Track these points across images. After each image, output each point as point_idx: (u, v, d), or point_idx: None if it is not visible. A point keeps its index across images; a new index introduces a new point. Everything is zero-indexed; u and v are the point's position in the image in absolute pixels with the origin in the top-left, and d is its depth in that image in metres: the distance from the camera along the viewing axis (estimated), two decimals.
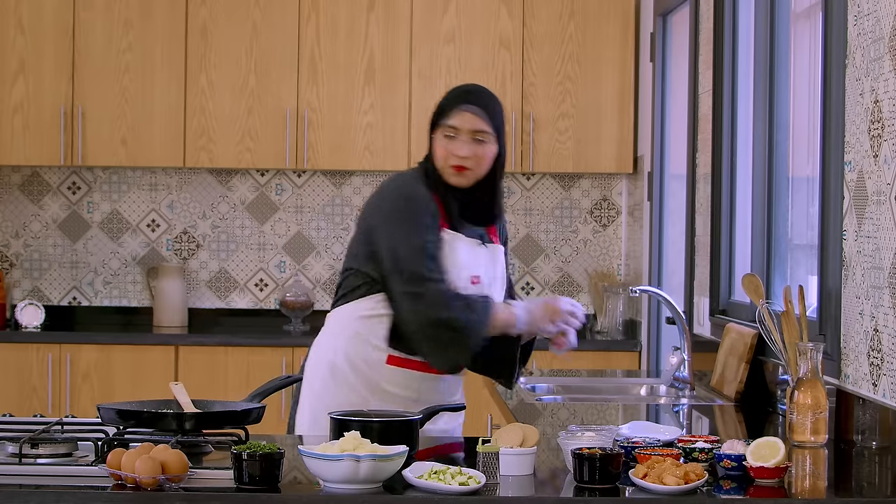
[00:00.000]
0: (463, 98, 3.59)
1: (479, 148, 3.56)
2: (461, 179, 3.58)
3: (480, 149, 3.57)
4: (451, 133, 3.57)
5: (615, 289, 6.76)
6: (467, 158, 3.55)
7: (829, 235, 3.67)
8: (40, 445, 2.88)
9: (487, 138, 3.57)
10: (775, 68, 4.63)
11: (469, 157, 3.55)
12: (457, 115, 3.57)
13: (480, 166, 3.58)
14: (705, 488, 2.73)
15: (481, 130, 3.56)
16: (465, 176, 3.57)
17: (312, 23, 6.67)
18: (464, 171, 3.56)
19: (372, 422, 2.97)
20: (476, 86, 3.69)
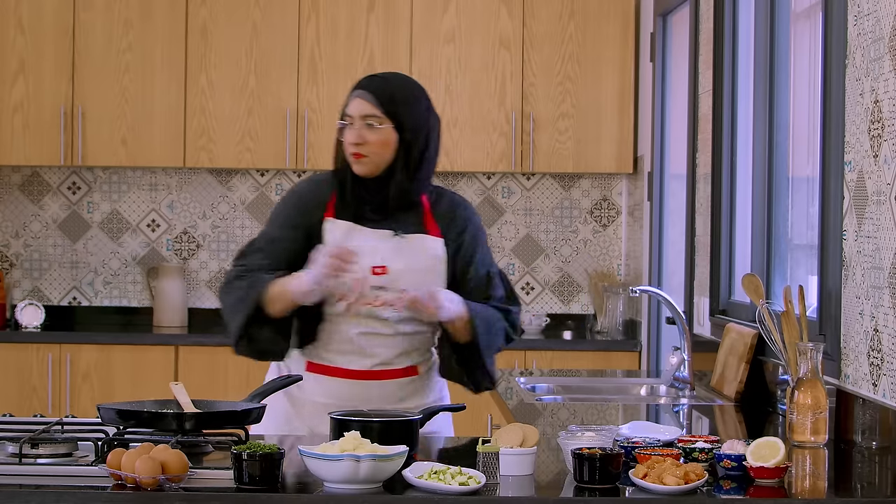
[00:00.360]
0: (357, 85, 3.52)
1: (370, 133, 3.46)
2: (359, 167, 3.47)
3: (372, 134, 3.46)
4: (346, 121, 3.50)
5: (615, 289, 6.76)
6: (359, 145, 3.45)
7: (829, 235, 3.67)
8: (40, 445, 2.88)
9: (379, 122, 3.46)
10: (775, 68, 4.63)
11: (359, 143, 3.45)
12: (350, 103, 3.50)
13: (378, 153, 3.47)
14: (705, 488, 2.73)
15: (370, 115, 3.46)
16: (363, 163, 3.47)
17: (312, 23, 6.67)
18: (360, 157, 3.46)
19: (372, 422, 2.97)
20: (384, 72, 3.63)
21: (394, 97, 3.49)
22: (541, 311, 6.97)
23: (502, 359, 6.33)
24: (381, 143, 3.46)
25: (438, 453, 3.21)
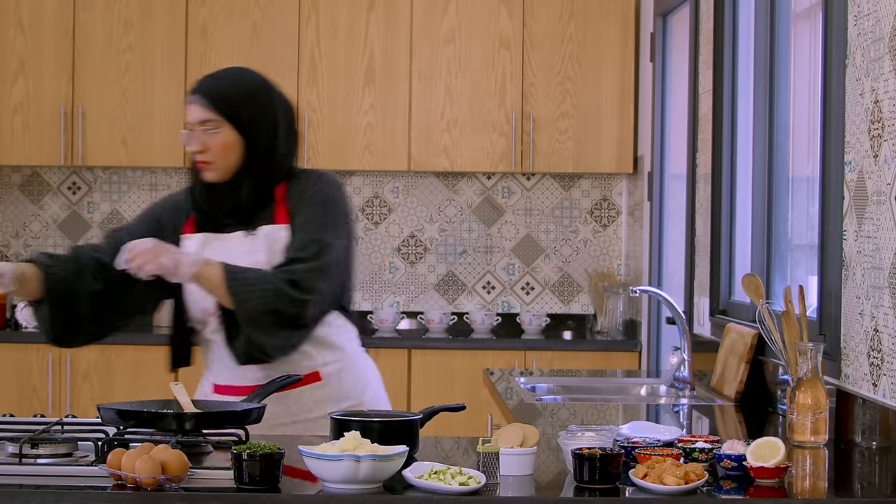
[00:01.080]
0: (191, 90, 3.41)
1: (208, 138, 3.35)
2: (206, 174, 3.37)
3: (211, 139, 3.35)
4: (188, 129, 3.39)
5: (615, 289, 6.76)
6: (201, 152, 3.35)
7: (829, 235, 3.67)
8: (40, 445, 2.88)
9: (215, 126, 3.36)
10: (775, 68, 4.63)
11: (199, 150, 3.35)
12: (187, 111, 3.40)
13: (222, 157, 3.36)
14: (705, 488, 2.73)
15: (206, 120, 3.36)
16: (210, 170, 3.37)
17: (312, 23, 6.67)
18: (205, 165, 3.36)
19: (372, 422, 2.97)
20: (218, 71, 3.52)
21: (227, 96, 3.38)
22: (541, 311, 6.97)
23: (502, 359, 6.37)
24: (223, 146, 3.36)
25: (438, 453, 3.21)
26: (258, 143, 3.38)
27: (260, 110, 3.39)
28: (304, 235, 3.34)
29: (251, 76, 3.49)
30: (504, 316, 6.98)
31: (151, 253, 3.24)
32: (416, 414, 3.07)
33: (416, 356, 6.44)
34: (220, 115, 3.35)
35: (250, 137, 3.37)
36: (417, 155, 6.65)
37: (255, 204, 3.39)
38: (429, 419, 3.14)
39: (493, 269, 7.06)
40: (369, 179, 7.04)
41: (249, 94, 3.41)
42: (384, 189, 7.05)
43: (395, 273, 7.06)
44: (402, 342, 6.55)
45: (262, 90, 3.44)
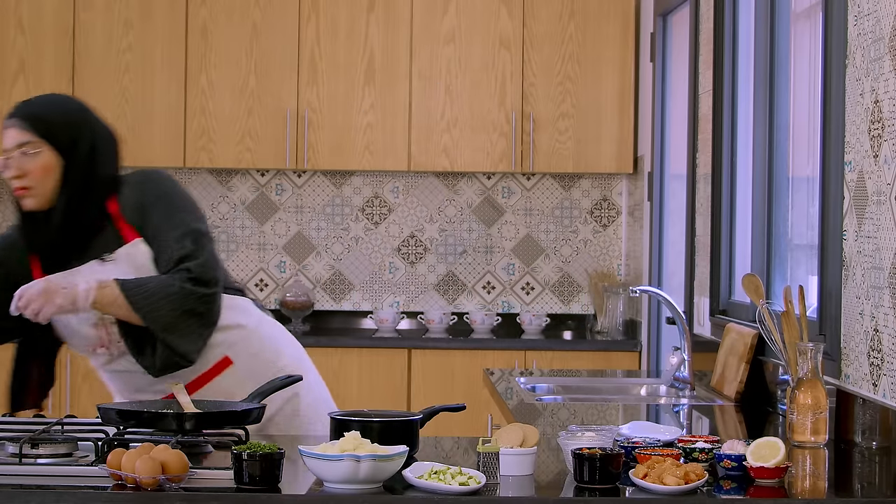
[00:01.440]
0: (6, 116, 3.25)
1: (29, 162, 3.22)
2: (28, 202, 3.24)
3: (31, 162, 3.22)
4: (5, 157, 3.23)
5: (615, 289, 6.76)
6: (20, 177, 3.21)
7: (829, 235, 3.67)
8: (40, 445, 2.88)
9: (34, 147, 3.22)
10: (775, 68, 4.63)
11: (17, 175, 3.21)
12: (4, 138, 3.24)
13: (42, 182, 3.22)
14: (705, 488, 2.73)
15: (24, 142, 3.22)
16: (30, 196, 3.23)
17: (312, 23, 6.67)
18: (25, 192, 3.23)
19: (372, 422, 2.97)
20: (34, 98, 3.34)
21: (42, 116, 3.25)
22: (541, 311, 6.97)
23: (502, 359, 6.37)
24: (43, 169, 3.23)
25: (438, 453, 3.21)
26: (78, 161, 3.26)
27: (74, 127, 3.27)
28: (174, 233, 3.26)
29: (69, 101, 3.37)
30: (504, 316, 6.98)
31: (45, 295, 3.16)
32: (416, 414, 3.07)
33: (416, 356, 6.44)
34: (38, 136, 3.23)
35: (70, 157, 3.25)
36: (417, 155, 6.65)
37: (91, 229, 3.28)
38: (429, 419, 3.14)
39: (493, 269, 7.06)
40: (369, 179, 7.04)
41: (67, 116, 3.29)
42: (384, 189, 7.05)
43: (395, 273, 7.06)
44: (403, 342, 6.55)
45: (80, 113, 3.32)
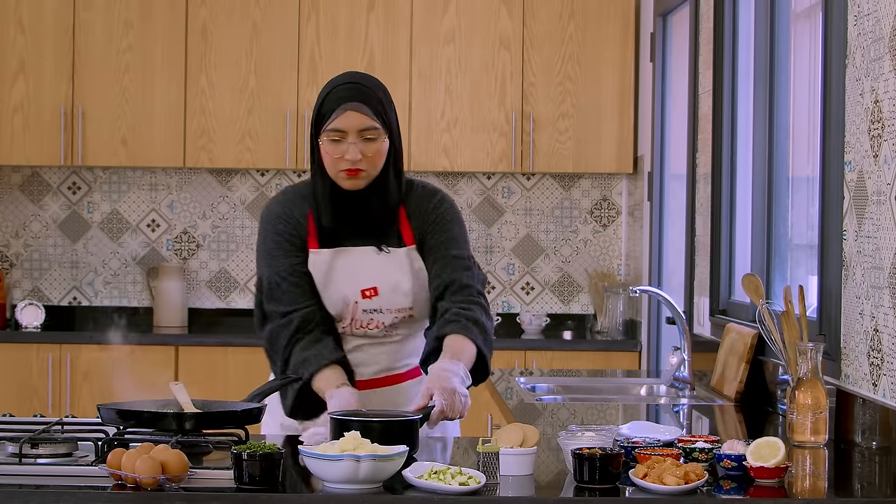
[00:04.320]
0: (343, 97, 3.28)
1: (369, 146, 3.28)
2: (356, 182, 3.30)
3: (371, 147, 3.28)
4: (336, 137, 3.27)
5: (615, 289, 6.76)
6: (359, 161, 3.27)
7: (829, 235, 3.67)
8: (40, 445, 2.88)
9: (377, 134, 3.28)
10: (775, 68, 4.63)
11: (360, 159, 3.27)
12: (340, 117, 3.26)
13: (375, 165, 3.30)
14: (705, 488, 2.73)
15: (369, 128, 3.28)
16: (360, 178, 3.30)
17: (312, 23, 6.67)
18: (358, 173, 3.29)
19: (372, 422, 2.97)
20: (355, 76, 3.36)
21: (382, 102, 3.32)
22: (541, 311, 6.97)
23: (502, 359, 6.36)
24: (379, 153, 3.31)
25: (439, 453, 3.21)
26: (399, 148, 3.36)
27: (394, 115, 3.37)
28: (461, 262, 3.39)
29: (377, 80, 3.40)
30: (504, 316, 6.98)
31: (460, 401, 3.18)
32: (415, 414, 3.07)
33: None
34: (381, 123, 3.29)
35: (395, 143, 3.35)
36: (417, 155, 6.65)
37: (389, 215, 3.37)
38: (427, 419, 3.14)
39: (493, 269, 7.06)
40: None
41: (389, 99, 3.36)
42: None
43: None
44: None
45: (389, 94, 3.39)
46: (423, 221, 3.41)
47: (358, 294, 3.36)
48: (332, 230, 3.37)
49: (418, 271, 3.39)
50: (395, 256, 3.38)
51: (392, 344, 3.44)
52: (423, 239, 3.40)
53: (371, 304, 3.37)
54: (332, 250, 3.37)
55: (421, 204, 3.42)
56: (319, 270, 3.36)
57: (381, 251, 3.38)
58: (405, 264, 3.38)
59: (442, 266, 3.38)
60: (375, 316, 3.38)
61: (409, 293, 3.38)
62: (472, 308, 3.34)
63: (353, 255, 3.38)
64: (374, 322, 3.38)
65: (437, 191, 3.47)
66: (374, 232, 3.38)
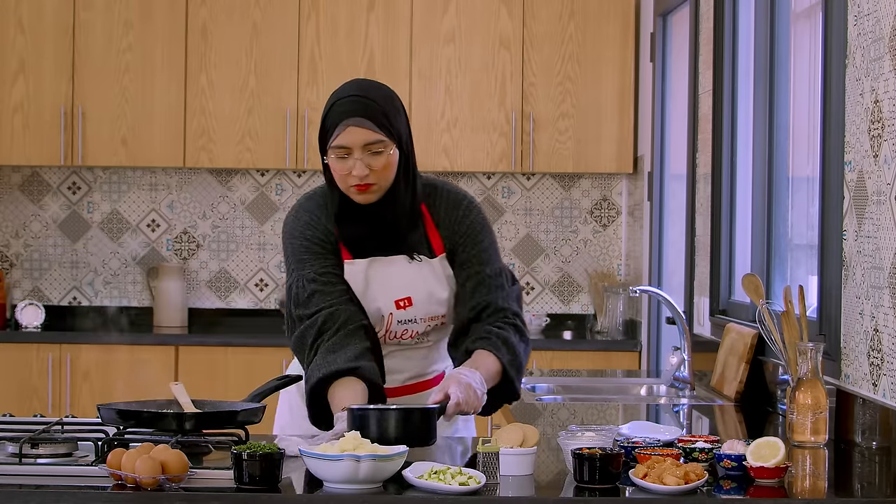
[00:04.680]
0: (345, 111, 3.19)
1: (376, 160, 3.19)
2: (367, 196, 3.23)
3: (378, 160, 3.19)
4: (342, 154, 3.19)
5: (615, 289, 6.76)
6: (367, 175, 3.19)
7: (829, 235, 3.67)
8: (40, 445, 2.88)
9: (383, 147, 3.20)
10: (775, 68, 4.63)
11: (368, 174, 3.19)
12: (343, 133, 3.18)
13: (385, 178, 3.22)
14: (705, 488, 2.73)
15: (373, 142, 3.19)
16: (371, 192, 3.22)
17: (312, 23, 6.67)
18: (368, 188, 3.21)
19: (390, 409, 2.95)
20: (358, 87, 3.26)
21: (386, 113, 3.22)
22: (541, 311, 6.97)
23: None
24: (388, 166, 3.22)
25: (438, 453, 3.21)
26: (409, 156, 3.29)
27: (404, 121, 3.30)
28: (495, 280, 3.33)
29: (389, 90, 3.31)
30: None
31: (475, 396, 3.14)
32: (433, 404, 3.06)
33: None
34: (387, 135, 3.21)
35: (404, 151, 3.27)
36: (417, 155, 6.59)
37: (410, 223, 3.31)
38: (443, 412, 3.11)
39: None
40: None
41: (398, 108, 3.28)
42: None
43: None
44: None
45: (396, 99, 3.30)
46: (452, 232, 3.35)
47: (392, 305, 3.31)
48: (358, 241, 3.32)
49: (449, 279, 3.34)
50: (429, 265, 3.33)
51: (422, 349, 3.40)
52: (454, 249, 3.35)
53: (405, 315, 3.32)
54: (367, 260, 3.31)
55: (450, 212, 3.36)
56: (356, 281, 3.30)
57: (413, 259, 3.32)
58: (439, 272, 3.34)
59: (476, 285, 3.33)
60: (410, 326, 3.34)
61: (444, 301, 3.34)
62: (505, 328, 3.30)
63: (387, 264, 3.32)
64: (408, 332, 3.34)
65: (463, 197, 3.39)
66: (399, 241, 3.32)
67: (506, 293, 3.35)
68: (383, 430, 2.90)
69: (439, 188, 3.39)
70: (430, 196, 3.37)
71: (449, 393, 3.09)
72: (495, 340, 3.27)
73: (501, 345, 3.28)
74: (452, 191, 3.40)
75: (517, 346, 3.30)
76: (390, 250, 3.32)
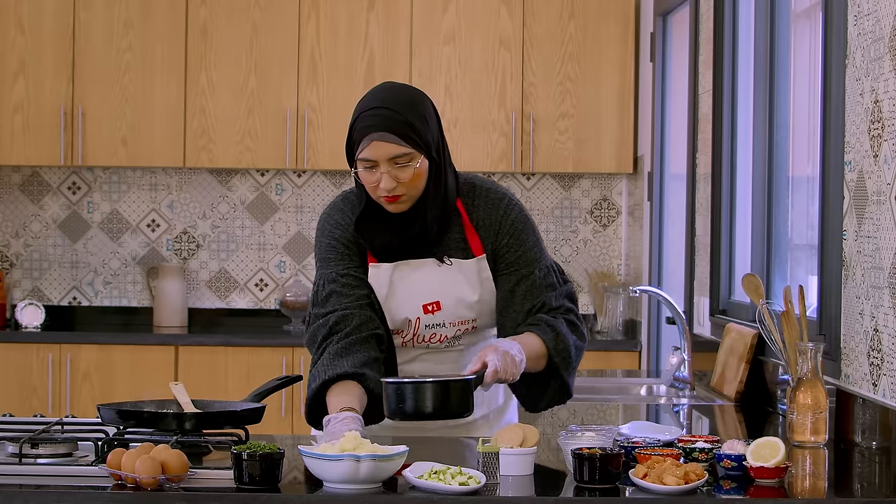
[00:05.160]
0: (369, 126, 3.14)
1: (403, 172, 3.15)
2: (398, 206, 3.19)
3: (405, 172, 3.15)
4: (368, 165, 3.15)
5: (615, 289, 6.76)
6: (395, 188, 3.15)
7: (829, 235, 3.67)
8: (40, 445, 2.88)
9: (409, 159, 3.15)
10: (775, 68, 4.63)
11: (395, 186, 3.15)
12: (368, 148, 3.14)
13: (415, 187, 3.18)
14: (705, 488, 2.73)
15: (398, 156, 3.14)
16: (401, 202, 3.19)
17: (312, 23, 6.67)
18: (398, 199, 3.18)
19: (426, 382, 2.92)
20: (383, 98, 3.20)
21: (412, 125, 3.17)
22: None
23: None
24: (417, 175, 3.18)
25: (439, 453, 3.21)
26: (439, 160, 3.24)
27: (434, 126, 3.24)
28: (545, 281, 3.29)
29: (417, 96, 3.24)
30: None
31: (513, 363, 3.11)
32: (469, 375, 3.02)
33: None
34: (412, 146, 3.16)
35: (434, 158, 3.22)
36: None
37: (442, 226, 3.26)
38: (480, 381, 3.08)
39: None
40: None
41: (427, 117, 3.22)
42: None
43: None
44: None
45: (429, 107, 3.25)
46: (493, 233, 3.30)
47: (419, 310, 3.28)
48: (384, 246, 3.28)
49: (485, 281, 3.30)
50: (461, 268, 3.28)
51: (453, 353, 3.35)
52: (497, 251, 3.29)
53: (433, 320, 3.29)
54: (392, 265, 3.28)
55: (489, 212, 3.30)
56: (381, 285, 3.28)
57: (442, 263, 3.28)
58: (473, 276, 3.29)
59: (527, 288, 3.28)
60: (438, 330, 3.30)
61: (474, 305, 3.29)
62: (557, 318, 3.27)
63: (414, 268, 3.28)
64: (436, 336, 3.30)
65: (503, 196, 3.33)
66: (428, 244, 3.28)
67: (558, 292, 3.32)
68: (419, 403, 2.87)
69: (478, 187, 3.34)
70: (468, 195, 3.32)
71: (486, 361, 3.06)
72: (543, 326, 3.24)
73: (549, 330, 3.24)
74: (492, 189, 3.34)
75: (567, 336, 3.26)
76: (418, 254, 3.28)
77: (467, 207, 3.31)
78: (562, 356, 3.25)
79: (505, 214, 3.31)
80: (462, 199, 3.31)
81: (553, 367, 3.25)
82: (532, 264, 3.30)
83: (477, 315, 3.31)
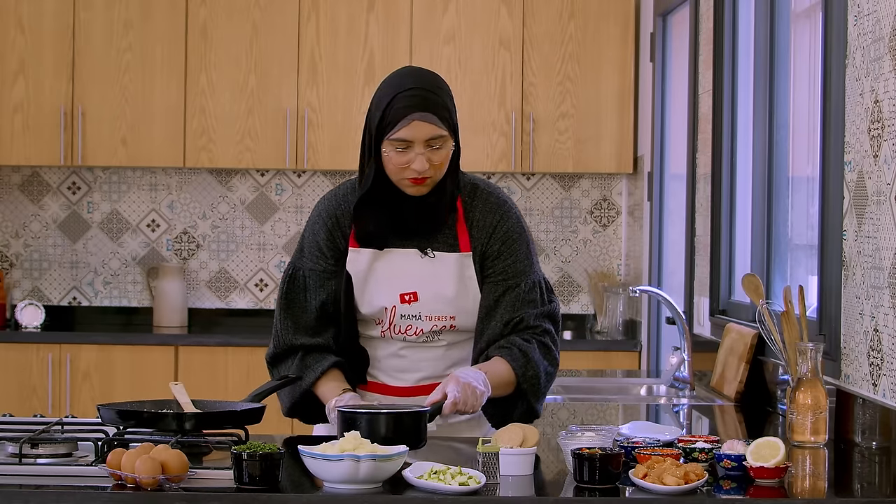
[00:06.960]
0: (411, 105, 3.15)
1: (436, 155, 3.17)
2: (421, 189, 3.20)
3: (439, 155, 3.18)
4: (402, 147, 3.16)
5: (615, 289, 6.76)
6: (427, 170, 3.16)
7: (829, 235, 3.67)
8: (40, 445, 2.88)
9: (444, 142, 3.19)
10: (775, 68, 4.63)
11: (427, 167, 3.16)
12: (407, 128, 3.15)
13: (441, 171, 3.20)
14: (705, 488, 2.73)
15: (436, 137, 3.16)
16: (426, 185, 3.20)
17: (312, 23, 6.67)
18: (424, 181, 3.19)
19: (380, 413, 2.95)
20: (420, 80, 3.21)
21: (448, 108, 3.20)
22: None
23: None
24: (445, 158, 3.21)
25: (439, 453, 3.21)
26: (458, 153, 3.26)
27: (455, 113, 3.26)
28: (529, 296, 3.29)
29: (438, 77, 3.26)
30: None
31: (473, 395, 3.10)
32: (423, 406, 3.06)
33: None
34: (447, 129, 3.19)
35: (458, 144, 3.25)
36: None
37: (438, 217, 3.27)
38: (437, 413, 3.11)
39: None
40: None
41: (452, 98, 3.25)
42: None
43: None
44: None
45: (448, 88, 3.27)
46: (486, 236, 3.29)
47: (396, 298, 3.28)
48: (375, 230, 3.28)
49: (467, 280, 3.29)
50: (442, 261, 3.28)
51: (435, 350, 3.34)
52: (486, 255, 3.29)
53: (409, 311, 3.28)
54: (373, 251, 3.29)
55: (485, 215, 3.30)
56: (359, 270, 3.29)
57: (424, 255, 3.28)
58: (452, 271, 3.28)
59: (508, 300, 3.28)
60: (414, 322, 3.29)
61: (452, 302, 3.29)
62: (531, 342, 3.28)
63: (395, 257, 3.29)
64: (412, 328, 3.29)
65: (503, 202, 3.33)
66: (419, 234, 3.28)
67: (539, 311, 3.31)
68: (373, 432, 2.89)
69: (480, 188, 3.34)
70: (469, 194, 3.32)
71: (447, 391, 3.08)
72: (515, 351, 3.24)
73: (520, 356, 3.24)
74: (493, 193, 3.34)
75: (538, 362, 3.27)
76: (404, 242, 3.29)
77: (465, 206, 3.31)
78: (530, 383, 3.26)
79: (501, 220, 3.31)
80: (462, 197, 3.31)
81: (521, 393, 3.27)
82: (519, 276, 3.29)
83: (455, 313, 3.30)
